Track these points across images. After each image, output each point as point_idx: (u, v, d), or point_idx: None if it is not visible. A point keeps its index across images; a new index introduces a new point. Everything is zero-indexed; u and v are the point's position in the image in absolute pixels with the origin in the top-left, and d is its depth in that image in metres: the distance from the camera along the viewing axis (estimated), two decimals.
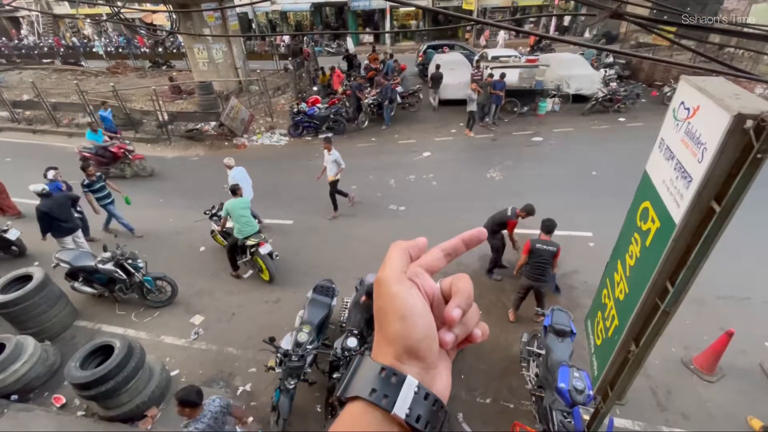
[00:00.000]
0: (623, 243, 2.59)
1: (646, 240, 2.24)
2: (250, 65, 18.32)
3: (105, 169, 9.73)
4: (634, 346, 2.28)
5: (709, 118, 1.78)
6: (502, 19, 25.26)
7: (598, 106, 12.41)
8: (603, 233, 6.63)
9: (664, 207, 2.07)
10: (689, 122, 1.97)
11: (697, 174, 1.81)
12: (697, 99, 1.93)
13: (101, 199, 6.98)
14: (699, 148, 1.83)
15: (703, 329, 5.10)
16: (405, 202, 8.40)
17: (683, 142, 1.99)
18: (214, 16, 14.41)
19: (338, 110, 12.35)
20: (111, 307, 5.96)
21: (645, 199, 2.35)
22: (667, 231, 1.99)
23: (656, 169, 2.30)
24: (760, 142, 1.54)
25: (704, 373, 4.63)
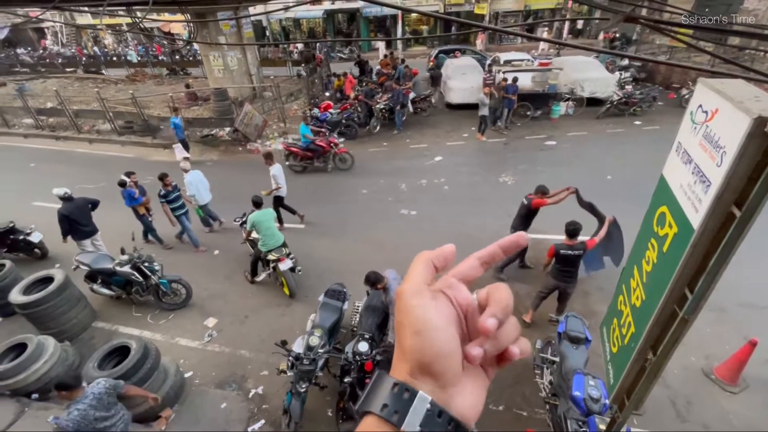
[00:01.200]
0: (639, 248, 2.54)
1: (663, 245, 2.19)
2: (264, 72, 18.61)
3: (308, 163, 10.12)
4: (651, 354, 2.23)
5: (729, 122, 1.74)
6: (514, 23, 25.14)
7: (614, 110, 12.22)
8: None
9: (682, 212, 2.03)
10: (707, 125, 1.93)
11: (716, 178, 1.77)
12: (716, 102, 1.89)
13: (175, 209, 6.95)
14: (718, 152, 1.79)
15: (725, 338, 4.95)
16: (416, 207, 8.39)
17: (701, 146, 1.95)
18: (230, 24, 14.73)
19: (350, 115, 12.44)
20: (128, 308, 6.09)
21: (662, 204, 2.30)
22: (685, 236, 1.94)
23: (673, 174, 2.25)
24: None
25: (726, 384, 4.48)
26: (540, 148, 10.82)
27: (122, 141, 13.28)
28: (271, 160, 7.32)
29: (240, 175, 10.71)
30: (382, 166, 10.36)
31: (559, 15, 25.36)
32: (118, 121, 13.65)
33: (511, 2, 25.43)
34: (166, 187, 6.78)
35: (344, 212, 8.41)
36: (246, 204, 7.61)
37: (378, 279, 4.18)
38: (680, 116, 2.25)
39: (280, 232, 6.11)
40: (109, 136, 13.67)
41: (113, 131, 13.67)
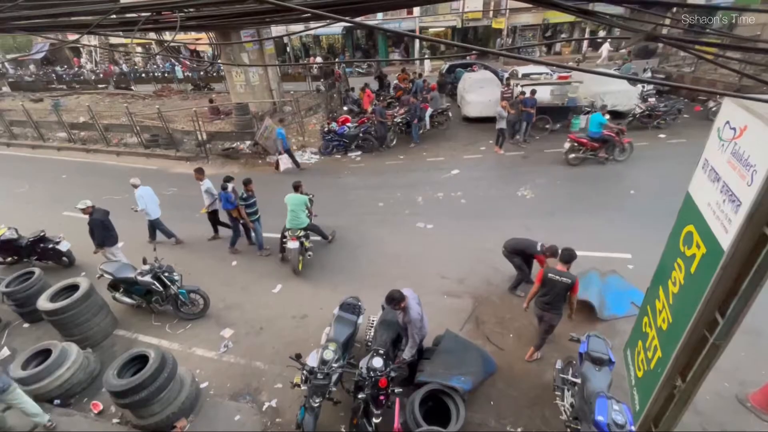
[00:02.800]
0: (665, 268, 2.44)
1: (690, 266, 2.10)
2: (284, 87, 19.11)
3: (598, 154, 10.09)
4: (680, 380, 2.11)
5: (758, 139, 1.68)
6: (532, 37, 25.15)
7: (636, 122, 11.96)
8: (643, 256, 6.27)
9: (710, 232, 1.95)
10: (736, 143, 1.86)
11: (746, 198, 1.69)
12: (744, 119, 1.82)
13: (251, 215, 7.30)
14: (748, 170, 1.72)
15: (761, 363, 4.68)
16: (433, 220, 8.34)
17: (730, 164, 1.88)
18: (252, 42, 15.25)
19: (367, 129, 12.58)
20: (147, 317, 6.22)
21: (688, 223, 2.22)
22: (715, 258, 1.86)
23: (700, 191, 2.17)
24: None
25: (763, 413, 4.21)
26: (560, 161, 10.65)
27: (147, 154, 13.78)
28: (201, 175, 7.54)
29: (260, 186, 10.88)
30: (399, 179, 10.38)
31: (578, 28, 25.22)
32: (145, 134, 14.20)
33: (529, 16, 25.46)
34: (248, 191, 7.11)
35: (361, 225, 8.43)
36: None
37: (401, 298, 4.15)
38: (707, 129, 2.18)
39: (305, 218, 6.90)
40: (135, 149, 14.21)
41: (139, 144, 14.22)
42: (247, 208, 7.21)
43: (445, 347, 4.64)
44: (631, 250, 6.70)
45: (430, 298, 5.95)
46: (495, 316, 5.75)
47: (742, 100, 1.91)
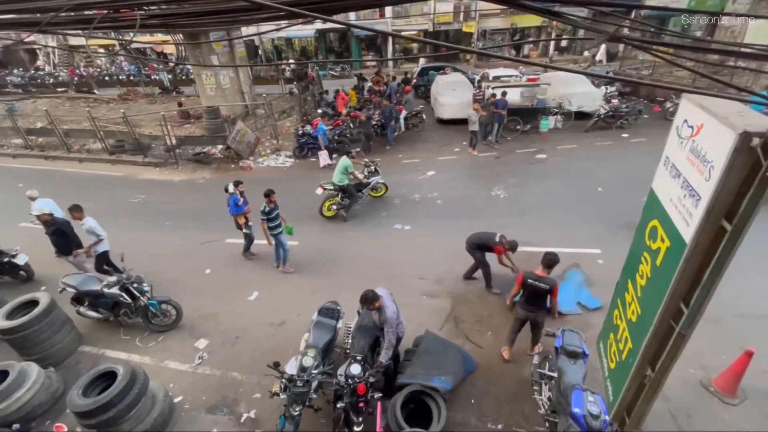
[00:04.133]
0: (633, 262, 2.54)
1: (656, 259, 2.19)
2: (256, 90, 18.78)
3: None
4: (650, 370, 2.20)
5: (714, 137, 1.77)
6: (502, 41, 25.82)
7: (601, 123, 12.47)
8: (612, 250, 6.53)
9: (673, 226, 2.04)
10: (694, 140, 1.96)
11: (705, 192, 1.78)
12: (701, 117, 1.92)
13: (273, 228, 6.64)
14: (706, 166, 1.81)
15: (722, 349, 4.93)
16: (410, 221, 8.38)
17: (689, 161, 1.97)
18: (222, 44, 14.91)
19: (342, 132, 12.53)
20: (116, 331, 5.92)
21: (653, 218, 2.31)
22: (678, 250, 1.94)
23: (663, 187, 2.27)
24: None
25: (725, 396, 4.44)
26: (531, 161, 10.95)
27: (112, 160, 13.20)
28: (80, 213, 6.19)
29: None
30: None
31: (545, 33, 26.09)
32: (109, 140, 13.59)
33: (498, 21, 26.14)
34: (270, 203, 6.43)
35: (338, 228, 8.38)
36: None
37: (375, 298, 4.12)
38: (666, 129, 2.28)
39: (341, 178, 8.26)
40: (99, 155, 13.58)
41: (104, 150, 13.59)
42: (269, 222, 6.56)
43: (425, 348, 4.65)
44: (600, 245, 6.96)
45: (410, 299, 5.96)
46: (473, 315, 5.82)
47: (699, 100, 2.01)
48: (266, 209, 6.43)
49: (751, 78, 12.74)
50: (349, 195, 8.53)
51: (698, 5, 17.40)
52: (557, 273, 6.14)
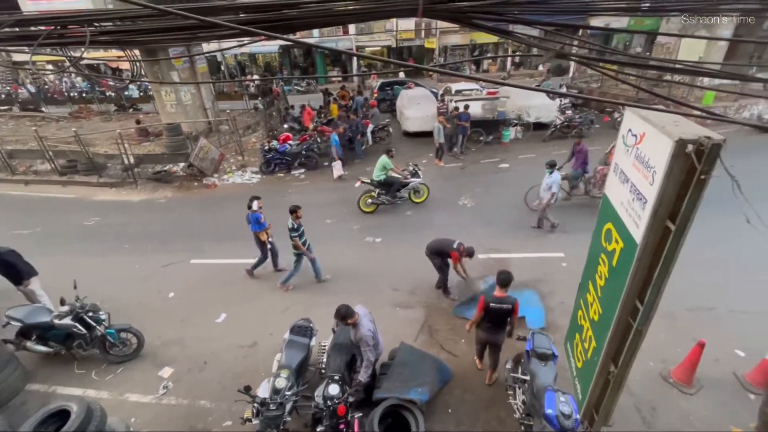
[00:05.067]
0: (592, 264, 2.68)
1: (612, 260, 2.32)
2: (220, 105, 18.41)
3: None
4: (613, 367, 2.30)
5: (655, 144, 1.92)
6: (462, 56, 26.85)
7: (557, 133, 13.17)
8: (574, 253, 6.83)
9: (625, 228, 2.18)
10: (638, 148, 2.12)
11: (650, 195, 1.92)
12: (642, 126, 2.08)
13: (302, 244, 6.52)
14: (649, 171, 1.96)
15: (677, 342, 5.23)
16: (381, 233, 8.41)
17: (635, 166, 2.13)
18: (182, 60, 14.55)
19: (310, 146, 12.49)
20: (68, 365, 5.49)
21: (607, 221, 2.46)
22: (631, 251, 2.07)
23: (614, 192, 2.43)
24: (702, 165, 1.66)
25: (683, 386, 4.70)
26: (494, 171, 11.35)
27: (63, 181, 12.41)
28: None
29: (196, 212, 10.30)
30: (346, 195, 10.36)
31: (501, 48, 27.40)
32: (59, 160, 12.81)
33: (458, 37, 27.22)
34: (297, 219, 6.29)
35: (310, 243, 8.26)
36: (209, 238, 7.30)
37: (349, 313, 4.06)
38: (616, 137, 2.46)
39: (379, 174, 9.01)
40: (48, 176, 12.74)
41: (53, 171, 12.77)
42: (299, 239, 6.44)
43: (400, 360, 4.63)
44: (563, 249, 7.26)
45: (384, 311, 5.94)
46: (447, 324, 5.88)
47: (640, 111, 2.19)
48: (294, 226, 6.30)
49: (687, 90, 13.92)
50: (385, 190, 9.13)
51: (637, 25, 18.93)
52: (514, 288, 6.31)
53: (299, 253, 6.56)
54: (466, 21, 1.52)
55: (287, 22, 1.69)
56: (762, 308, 5.67)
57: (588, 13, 1.63)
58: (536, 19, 1.52)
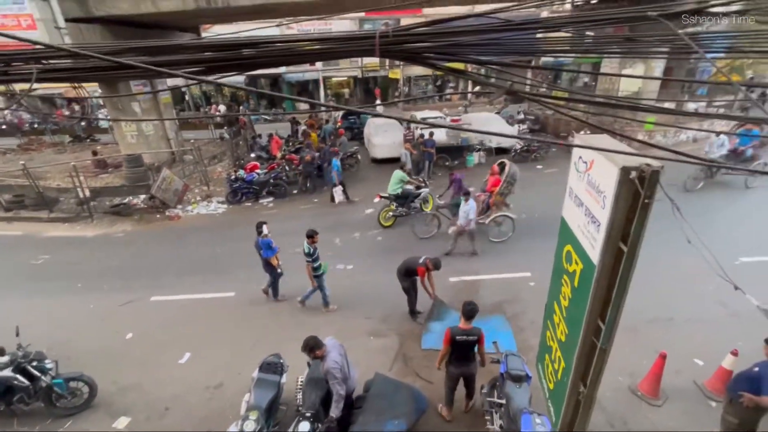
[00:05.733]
0: (556, 285, 2.77)
1: (574, 281, 2.42)
2: (184, 135, 18.03)
3: None
4: (582, 387, 2.35)
5: (603, 171, 2.06)
6: (426, 85, 27.98)
7: (518, 157, 13.82)
8: (540, 272, 7.02)
9: (583, 250, 2.28)
10: (589, 174, 2.26)
11: (603, 219, 2.04)
12: (591, 154, 2.24)
13: (315, 269, 6.42)
14: (600, 196, 2.09)
15: (641, 354, 5.43)
16: (352, 260, 8.34)
17: (587, 192, 2.26)
18: (144, 90, 14.25)
19: (278, 175, 12.40)
20: (6, 423, 4.93)
21: (567, 243, 2.58)
22: (590, 272, 2.17)
23: (571, 215, 2.56)
24: (645, 190, 1.79)
25: (650, 398, 4.85)
26: None
27: (9, 217, 11.56)
28: None
29: (158, 245, 9.84)
30: (315, 223, 10.21)
31: (462, 79, 28.82)
32: (4, 195, 11.96)
33: (421, 68, 28.41)
34: (313, 244, 6.24)
35: None
36: (170, 273, 6.94)
37: (317, 345, 3.94)
38: (569, 161, 2.62)
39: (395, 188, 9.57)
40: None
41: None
42: (313, 263, 6.40)
43: (375, 392, 4.50)
44: (530, 269, 7.47)
45: (357, 341, 5.82)
46: (421, 350, 5.82)
47: (588, 140, 2.35)
48: (310, 250, 6.26)
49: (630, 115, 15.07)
50: (402, 202, 9.62)
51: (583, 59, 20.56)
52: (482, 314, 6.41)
53: (317, 275, 6.54)
54: (420, 61, 1.61)
55: (248, 60, 1.72)
56: (712, 316, 6.04)
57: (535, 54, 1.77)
58: (486, 59, 1.63)
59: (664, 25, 1.38)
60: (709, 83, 14.34)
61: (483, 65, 1.70)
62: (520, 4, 1.77)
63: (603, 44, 1.81)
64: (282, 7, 12.93)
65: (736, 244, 7.68)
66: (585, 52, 1.93)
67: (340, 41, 1.56)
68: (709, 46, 1.86)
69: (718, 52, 1.88)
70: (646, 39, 1.59)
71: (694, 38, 1.65)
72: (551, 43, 1.92)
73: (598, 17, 1.46)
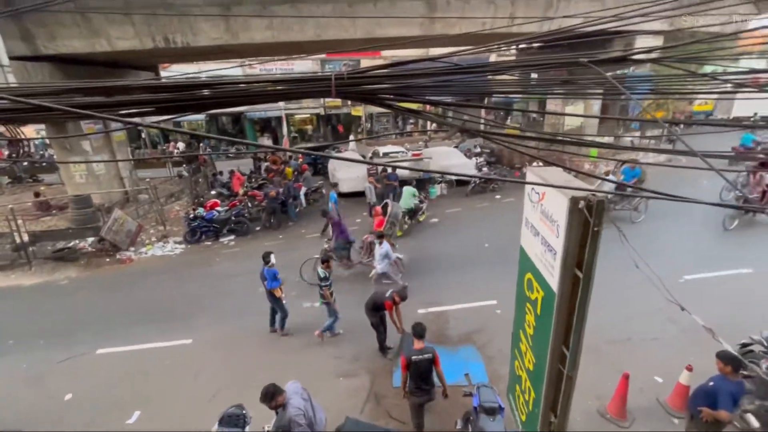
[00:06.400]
0: (520, 313, 2.83)
1: (536, 309, 2.47)
2: (140, 174, 17.31)
3: None
4: (553, 416, 2.35)
5: (554, 201, 2.18)
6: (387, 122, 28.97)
7: (477, 188, 14.43)
8: (506, 300, 7.09)
9: (543, 277, 2.36)
10: (542, 204, 2.38)
11: (558, 247, 2.13)
12: (542, 185, 2.37)
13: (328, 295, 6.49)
14: (554, 225, 2.19)
15: (607, 376, 5.53)
16: (319, 298, 8.08)
17: (542, 221, 2.38)
18: (95, 128, 13.65)
19: (240, 212, 12.09)
20: None
21: (527, 271, 2.66)
22: (550, 299, 2.24)
23: (529, 244, 2.66)
24: (593, 218, 1.91)
25: (619, 421, 4.91)
26: (426, 225, 11.86)
27: None
28: None
29: (106, 292, 9.11)
30: (279, 260, 9.91)
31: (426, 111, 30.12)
32: None
33: None
34: (328, 269, 6.46)
35: (242, 316, 7.63)
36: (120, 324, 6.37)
37: (277, 392, 3.70)
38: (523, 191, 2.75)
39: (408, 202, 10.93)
40: None
41: None
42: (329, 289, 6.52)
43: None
44: (496, 297, 7.59)
45: (326, 383, 5.56)
46: (392, 389, 5.62)
47: (539, 172, 2.50)
48: (326, 275, 6.44)
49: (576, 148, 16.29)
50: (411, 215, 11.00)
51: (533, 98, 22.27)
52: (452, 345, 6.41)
53: (328, 302, 6.57)
54: (376, 101, 1.67)
55: (207, 101, 1.71)
56: (666, 334, 6.34)
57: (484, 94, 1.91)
58: (438, 100, 1.73)
59: (595, 70, 1.53)
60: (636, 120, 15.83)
61: (436, 105, 1.79)
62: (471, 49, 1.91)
63: (545, 85, 1.96)
64: (242, 48, 13.13)
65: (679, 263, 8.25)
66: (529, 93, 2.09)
67: (297, 83, 1.60)
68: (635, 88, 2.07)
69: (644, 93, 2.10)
70: (581, 81, 1.76)
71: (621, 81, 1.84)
72: (499, 84, 2.06)
73: (538, 62, 1.60)
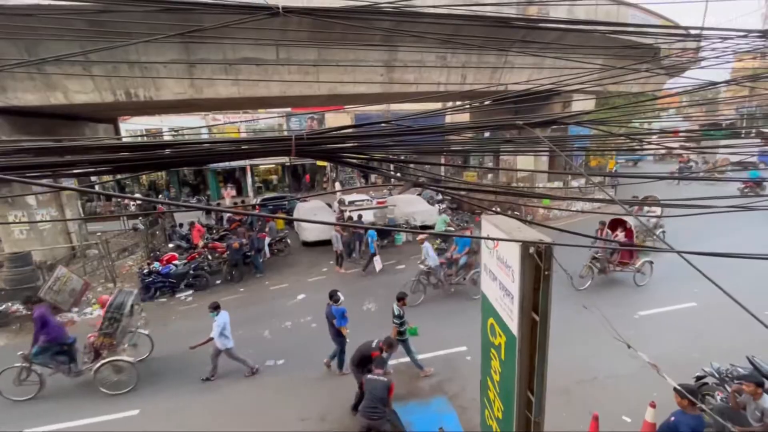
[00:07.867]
0: (486, 360, 2.84)
1: (500, 354, 2.50)
2: (90, 227, 16.32)
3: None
4: None
5: (508, 247, 2.31)
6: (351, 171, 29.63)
7: None
8: (475, 345, 7.10)
9: (504, 322, 2.43)
10: (497, 250, 2.51)
11: (514, 291, 2.23)
12: (496, 232, 2.51)
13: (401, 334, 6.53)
14: (509, 270, 2.30)
15: (578, 417, 5.51)
16: (284, 354, 7.68)
17: (499, 267, 2.49)
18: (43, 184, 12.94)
19: (199, 265, 11.56)
20: None
21: (489, 316, 2.72)
22: (512, 343, 2.29)
23: (488, 289, 2.75)
24: (543, 263, 2.03)
25: None
26: (393, 272, 11.86)
27: None
28: None
29: None
30: (240, 315, 9.43)
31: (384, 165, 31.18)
32: None
33: None
34: (403, 307, 6.52)
35: (196, 380, 7.02)
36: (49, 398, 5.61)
37: None
38: None
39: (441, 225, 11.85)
40: None
41: None
42: (399, 327, 6.53)
43: None
44: (465, 342, 7.54)
45: None
46: None
47: (492, 220, 2.66)
48: (400, 312, 6.47)
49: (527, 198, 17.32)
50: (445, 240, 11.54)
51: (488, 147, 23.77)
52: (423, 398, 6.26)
53: (403, 340, 6.56)
54: (335, 159, 1.77)
55: (167, 160, 1.72)
56: (628, 371, 6.49)
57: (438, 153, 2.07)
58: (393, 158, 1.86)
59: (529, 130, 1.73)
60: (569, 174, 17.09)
61: (392, 162, 1.91)
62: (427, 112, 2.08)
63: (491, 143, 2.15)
64: (207, 103, 13.32)
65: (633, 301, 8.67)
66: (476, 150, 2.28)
67: (259, 143, 1.67)
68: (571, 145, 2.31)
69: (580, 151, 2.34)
70: (520, 141, 1.96)
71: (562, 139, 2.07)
72: (452, 142, 2.24)
73: (481, 125, 1.78)
